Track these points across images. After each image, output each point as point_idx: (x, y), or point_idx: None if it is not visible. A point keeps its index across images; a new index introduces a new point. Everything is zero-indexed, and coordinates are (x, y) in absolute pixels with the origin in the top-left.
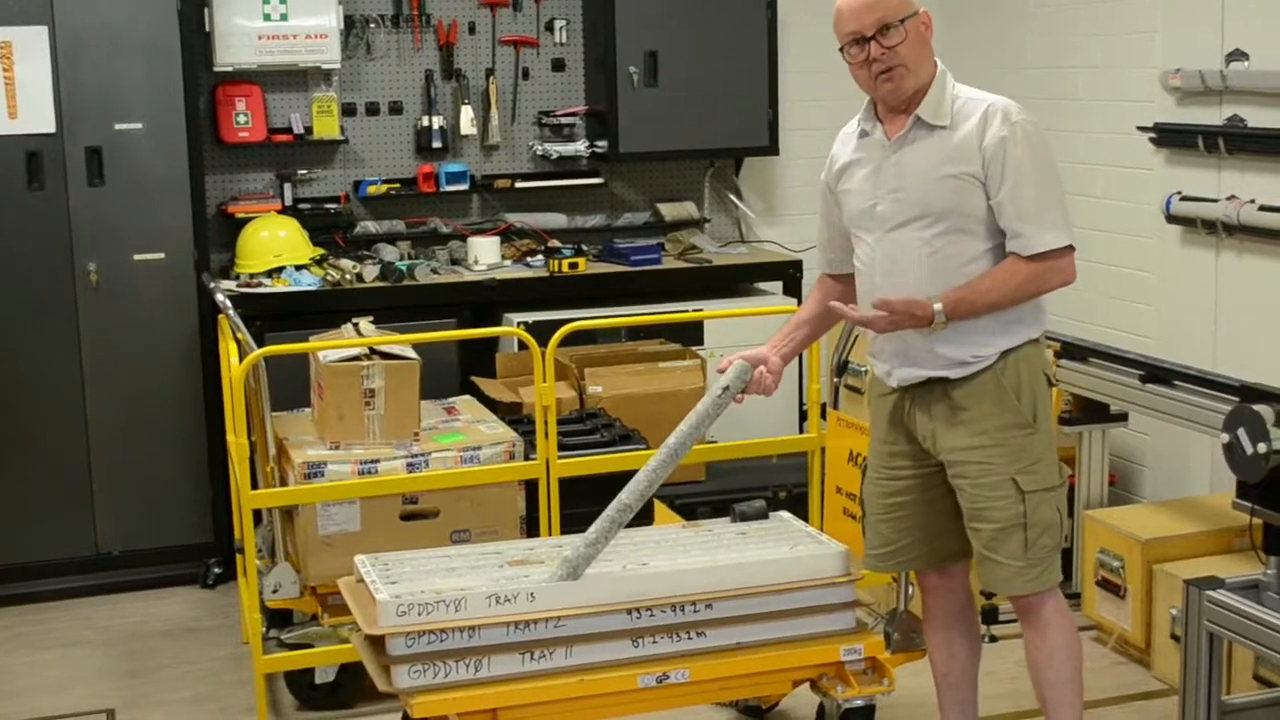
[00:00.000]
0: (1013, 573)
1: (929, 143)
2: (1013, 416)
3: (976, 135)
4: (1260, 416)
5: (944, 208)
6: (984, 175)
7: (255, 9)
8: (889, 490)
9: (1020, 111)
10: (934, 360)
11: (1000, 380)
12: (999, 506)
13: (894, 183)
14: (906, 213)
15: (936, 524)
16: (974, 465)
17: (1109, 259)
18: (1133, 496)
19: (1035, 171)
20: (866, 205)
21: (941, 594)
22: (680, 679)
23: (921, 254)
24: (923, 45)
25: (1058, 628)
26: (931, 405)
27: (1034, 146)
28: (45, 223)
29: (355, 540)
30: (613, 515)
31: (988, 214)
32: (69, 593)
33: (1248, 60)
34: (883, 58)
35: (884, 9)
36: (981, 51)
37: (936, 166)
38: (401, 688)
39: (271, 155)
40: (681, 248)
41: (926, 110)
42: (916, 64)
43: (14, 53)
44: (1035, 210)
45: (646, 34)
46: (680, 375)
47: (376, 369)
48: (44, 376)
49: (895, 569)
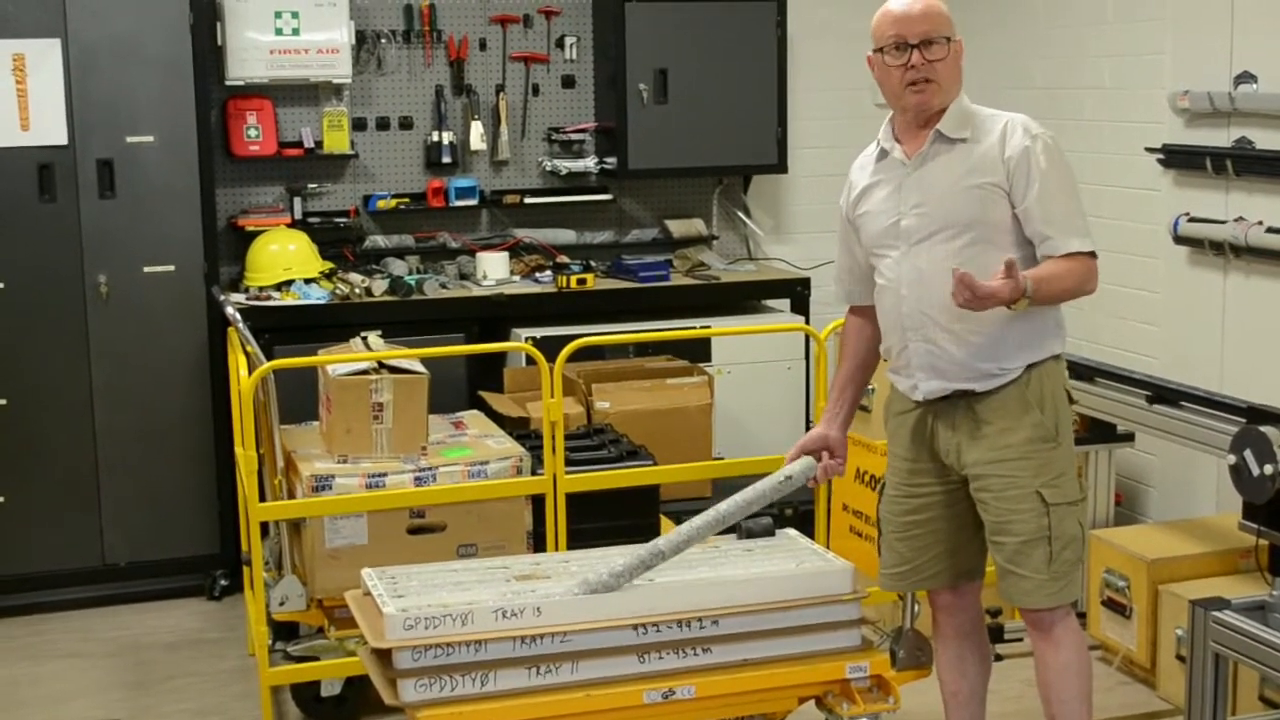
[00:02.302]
0: (1035, 586)
1: (950, 156)
2: (1037, 430)
3: (999, 147)
4: (1267, 438)
5: (969, 218)
6: (1008, 185)
7: (267, 23)
8: (909, 508)
9: (1039, 125)
10: (962, 372)
11: (1024, 394)
12: (1023, 520)
13: (917, 198)
14: (931, 226)
15: (955, 540)
16: (998, 479)
17: (1117, 279)
18: (1139, 517)
19: (1058, 180)
20: (889, 223)
21: (953, 612)
22: (686, 695)
23: (948, 266)
24: (957, 67)
25: (1070, 645)
26: (955, 420)
27: (1054, 157)
28: (56, 234)
29: (362, 553)
30: (644, 557)
31: (1013, 224)
32: (75, 604)
33: (1256, 83)
34: (921, 68)
35: (934, 22)
36: (991, 71)
37: (960, 178)
38: (408, 701)
39: (282, 169)
40: (690, 264)
41: (947, 125)
42: (949, 83)
43: (27, 65)
44: (1062, 216)
45: (656, 51)
46: (687, 392)
47: (385, 383)
48: (53, 387)
49: (910, 588)
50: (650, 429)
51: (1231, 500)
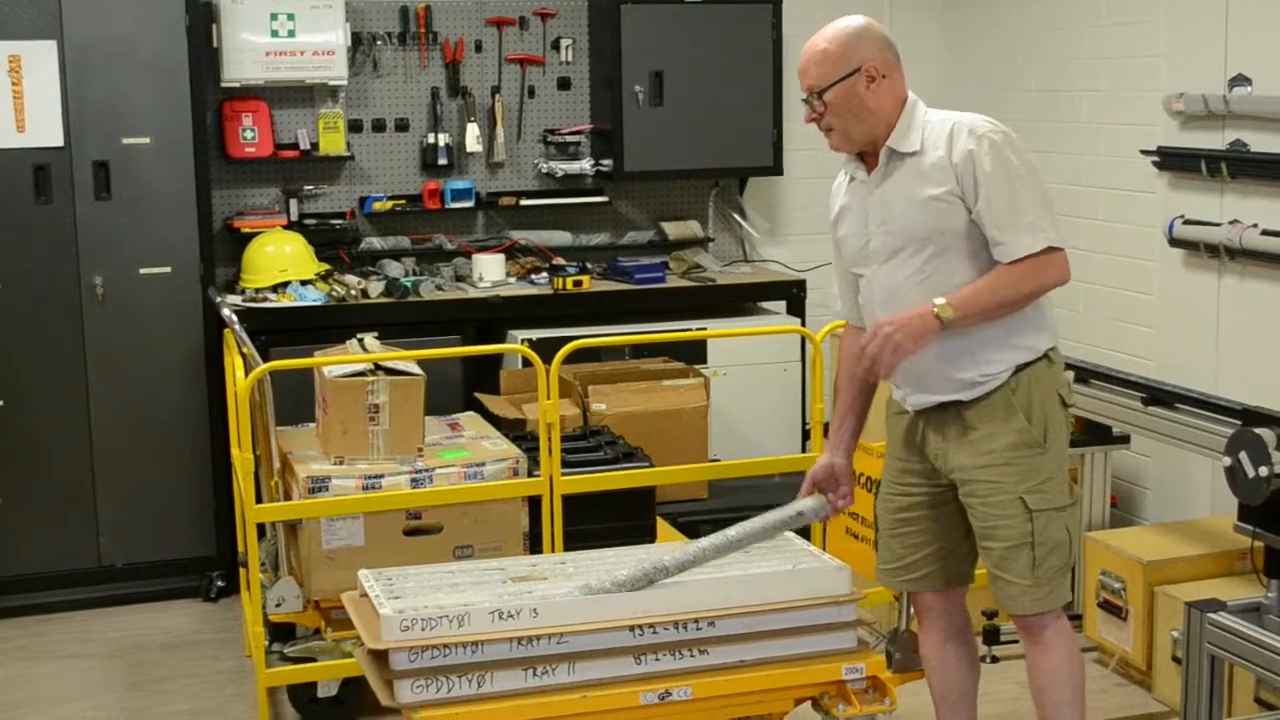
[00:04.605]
0: (1020, 591)
1: (904, 172)
2: (1021, 436)
3: (946, 154)
4: (1262, 440)
5: (929, 231)
6: (960, 191)
7: (263, 25)
8: (899, 505)
9: (987, 123)
10: (946, 385)
11: (1010, 400)
12: (1007, 525)
13: (880, 216)
14: (895, 243)
15: (945, 542)
16: (983, 484)
17: (1111, 281)
18: (1135, 518)
19: (1006, 180)
20: (860, 245)
21: (937, 615)
22: (683, 696)
23: (915, 281)
24: (855, 109)
25: (1060, 649)
26: (945, 427)
27: (1002, 156)
28: (52, 236)
29: (359, 555)
30: (648, 570)
31: (973, 231)
32: (71, 605)
33: (1251, 85)
34: (817, 119)
35: (818, 72)
36: (986, 74)
37: (915, 192)
38: (404, 702)
39: (278, 171)
40: (685, 266)
41: (895, 140)
42: (856, 119)
43: (23, 66)
44: (1009, 217)
45: (652, 53)
46: (683, 393)
47: (381, 384)
48: (49, 389)
49: (905, 586)
50: (646, 431)
51: (1227, 502)
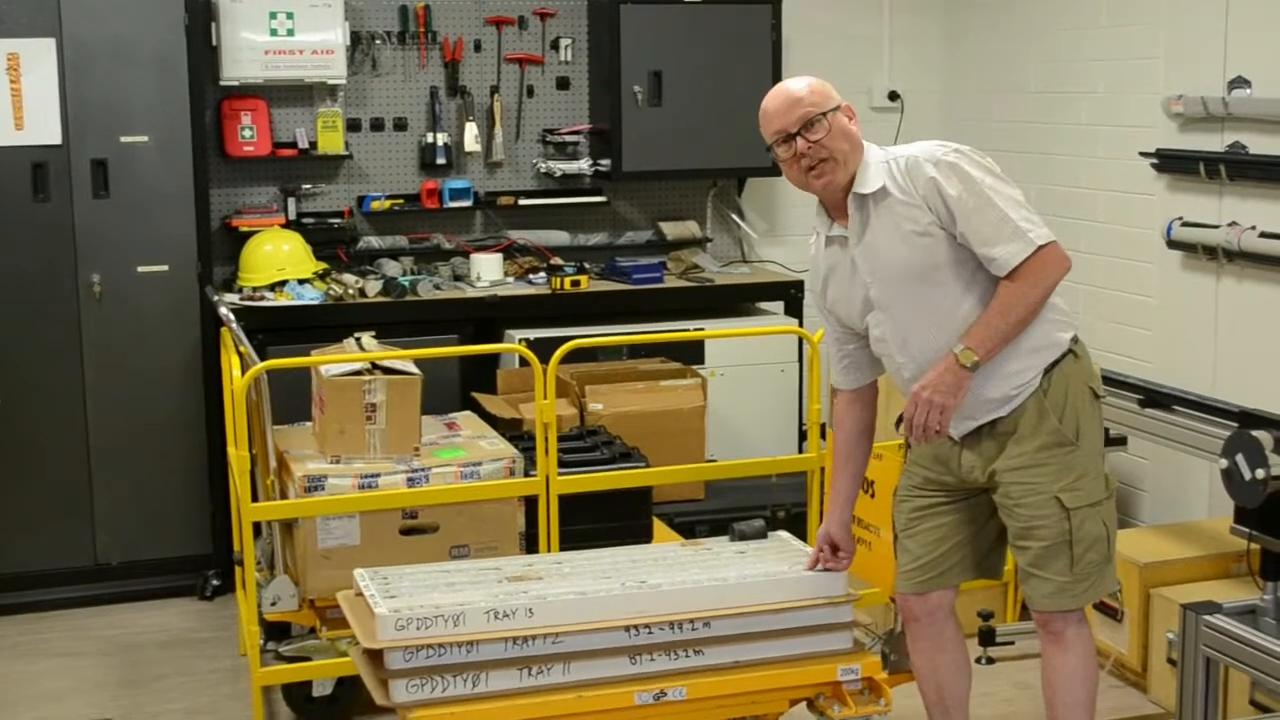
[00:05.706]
0: (1057, 588)
1: (879, 216)
2: (1053, 436)
3: (914, 190)
4: (1259, 442)
5: (921, 267)
6: (939, 220)
7: (262, 24)
8: (916, 505)
9: (939, 147)
10: (984, 407)
11: (1043, 402)
12: (1045, 525)
13: (868, 266)
14: (894, 285)
15: (962, 535)
16: (1018, 485)
17: (1110, 283)
18: (1131, 520)
19: (974, 196)
20: (859, 299)
21: (925, 623)
22: (678, 697)
23: (923, 317)
24: (848, 136)
25: (1079, 650)
26: (980, 443)
27: (963, 174)
28: (50, 234)
29: (355, 554)
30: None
31: (964, 255)
32: (67, 603)
33: (1250, 88)
34: (809, 152)
35: (807, 105)
36: (984, 76)
37: (895, 233)
38: (399, 702)
39: (276, 169)
40: (683, 267)
41: (861, 185)
42: (844, 155)
43: (21, 64)
44: (991, 231)
45: (651, 54)
46: (681, 394)
47: (378, 384)
48: (46, 387)
49: (925, 587)
50: (643, 431)
51: (1223, 504)
